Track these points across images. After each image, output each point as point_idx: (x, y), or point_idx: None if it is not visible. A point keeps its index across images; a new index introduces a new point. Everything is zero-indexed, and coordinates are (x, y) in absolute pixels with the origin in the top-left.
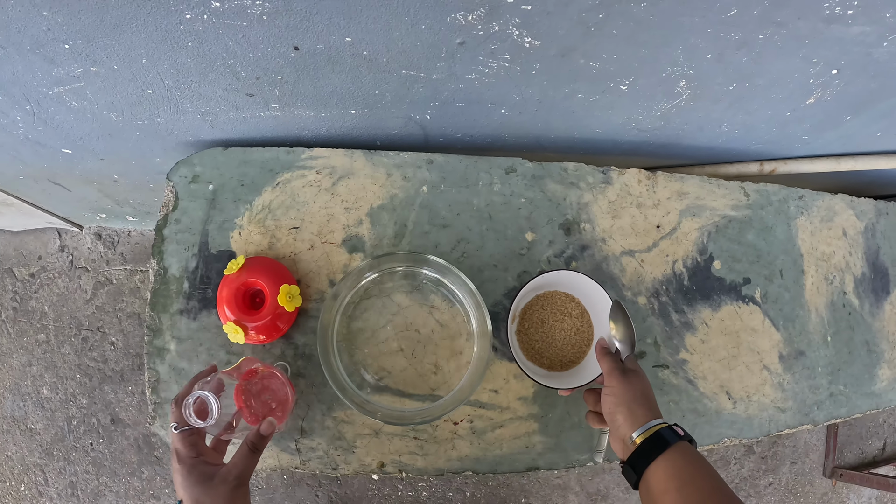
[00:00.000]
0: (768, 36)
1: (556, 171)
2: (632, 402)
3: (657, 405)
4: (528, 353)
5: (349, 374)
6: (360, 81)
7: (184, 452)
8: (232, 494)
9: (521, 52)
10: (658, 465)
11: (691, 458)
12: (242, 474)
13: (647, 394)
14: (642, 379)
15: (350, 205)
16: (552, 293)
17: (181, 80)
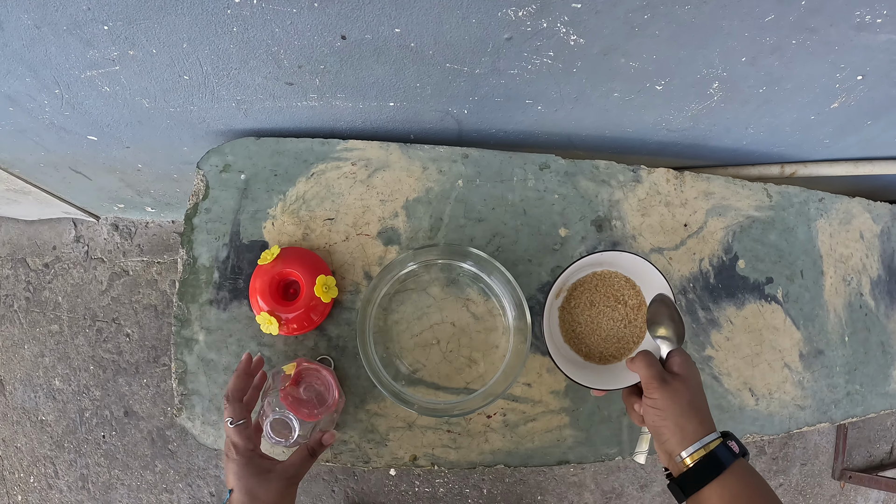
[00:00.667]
0: (801, 41)
1: (588, 168)
2: (679, 416)
3: (709, 412)
4: (567, 335)
5: (384, 365)
6: (403, 73)
7: (242, 445)
8: (285, 491)
9: (566, 49)
10: (712, 489)
11: (748, 482)
12: (298, 474)
13: (696, 402)
14: (689, 383)
15: (386, 197)
16: (611, 273)
17: (220, 67)
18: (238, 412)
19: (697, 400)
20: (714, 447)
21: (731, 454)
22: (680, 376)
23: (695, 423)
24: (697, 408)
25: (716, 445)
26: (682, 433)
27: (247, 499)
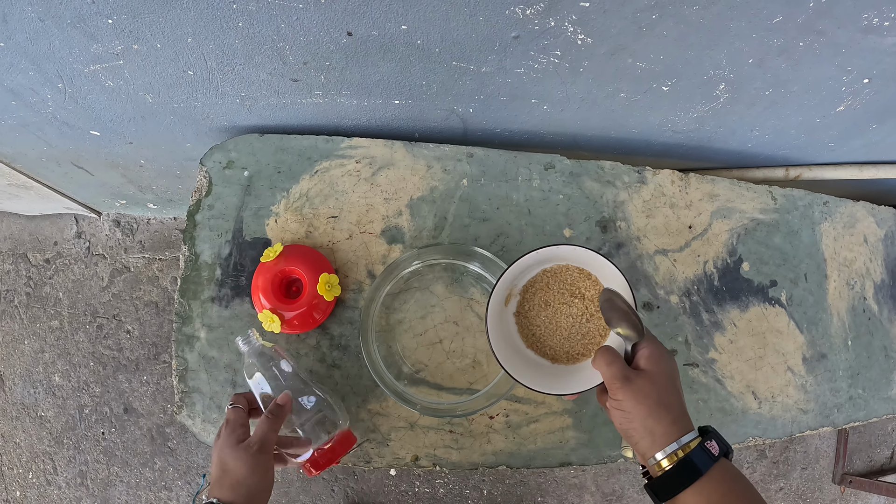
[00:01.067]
0: (808, 43)
1: (593, 168)
2: (646, 418)
3: (684, 408)
4: (528, 341)
5: (387, 365)
6: (409, 71)
7: (232, 419)
8: (253, 459)
9: (573, 48)
10: (689, 496)
11: (730, 486)
12: (263, 440)
13: (666, 399)
14: (656, 379)
15: (390, 195)
16: (562, 268)
17: (225, 62)
18: (237, 399)
19: (667, 397)
20: (689, 451)
21: (708, 457)
22: (646, 372)
23: (665, 424)
24: (667, 406)
25: (691, 449)
26: (651, 436)
27: (218, 471)
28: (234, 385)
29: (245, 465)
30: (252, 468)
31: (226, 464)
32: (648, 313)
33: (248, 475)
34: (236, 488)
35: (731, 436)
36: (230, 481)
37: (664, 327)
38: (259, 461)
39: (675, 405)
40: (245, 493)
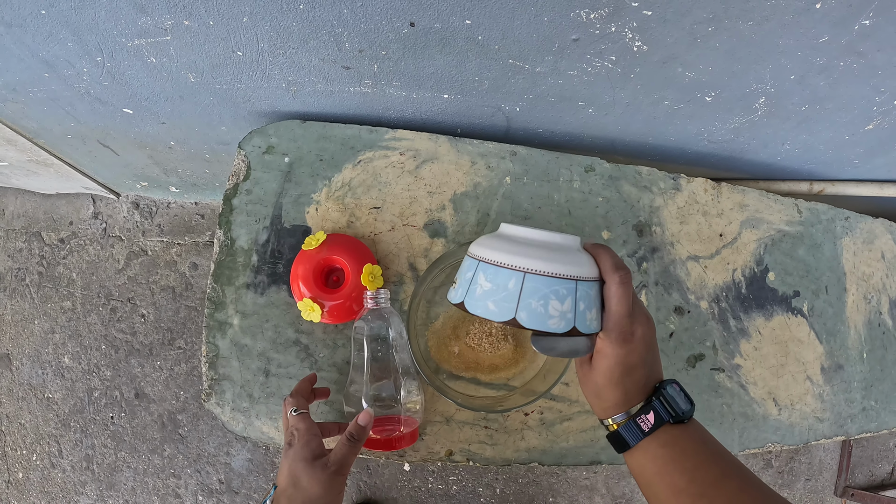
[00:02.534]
0: (848, 63)
1: (631, 173)
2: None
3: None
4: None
5: (425, 359)
6: (464, 66)
7: (303, 428)
8: (330, 480)
9: (628, 54)
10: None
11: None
12: (342, 463)
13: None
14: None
15: (433, 189)
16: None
17: (278, 45)
18: (300, 403)
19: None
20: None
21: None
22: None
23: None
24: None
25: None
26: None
27: (289, 484)
28: (268, 375)
29: (320, 485)
30: (326, 489)
31: (298, 479)
32: (680, 318)
33: (321, 496)
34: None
35: (752, 440)
36: (302, 499)
37: (694, 332)
38: (335, 483)
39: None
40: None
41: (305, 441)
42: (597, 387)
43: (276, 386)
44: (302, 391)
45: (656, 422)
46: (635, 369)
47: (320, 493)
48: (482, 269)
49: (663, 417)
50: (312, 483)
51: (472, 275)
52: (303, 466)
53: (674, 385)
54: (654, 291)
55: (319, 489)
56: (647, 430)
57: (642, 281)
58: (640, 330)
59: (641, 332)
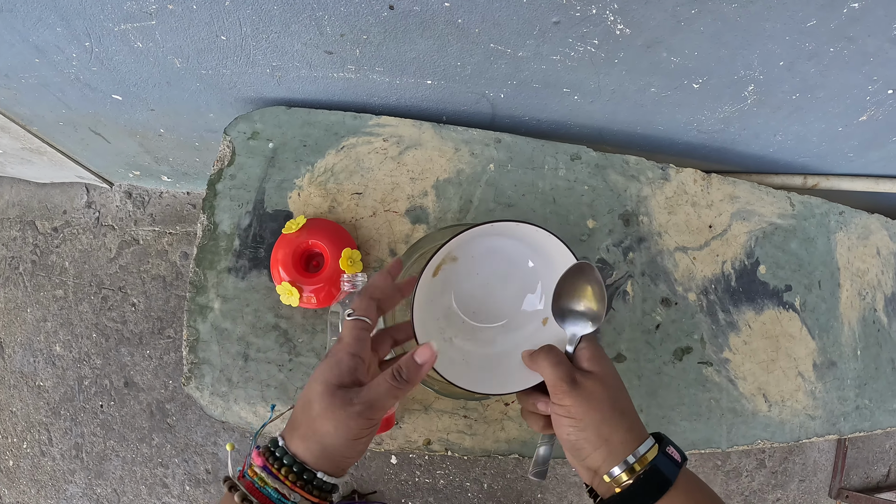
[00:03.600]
0: (838, 49)
1: (618, 162)
2: (601, 425)
3: (636, 414)
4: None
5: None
6: (446, 51)
7: (347, 342)
8: (349, 421)
9: (610, 38)
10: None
11: (696, 498)
12: (374, 405)
13: (620, 404)
14: (607, 381)
15: (416, 175)
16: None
17: (261, 29)
18: (363, 307)
19: (621, 401)
20: (653, 458)
21: (674, 464)
22: (594, 374)
23: (621, 432)
24: (622, 411)
25: (654, 456)
26: (607, 446)
27: (301, 407)
28: (246, 359)
29: (334, 421)
30: (342, 429)
31: (310, 404)
32: (667, 309)
33: (332, 434)
34: (308, 440)
35: (740, 437)
36: (306, 429)
37: (681, 324)
38: (355, 426)
39: (630, 410)
40: (318, 451)
41: (337, 360)
42: (611, 393)
43: (255, 371)
44: (372, 290)
45: (682, 457)
46: (621, 389)
47: (331, 430)
48: None
49: (682, 454)
50: (325, 416)
51: None
52: (320, 391)
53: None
54: (641, 282)
55: (331, 426)
56: (679, 461)
57: (628, 271)
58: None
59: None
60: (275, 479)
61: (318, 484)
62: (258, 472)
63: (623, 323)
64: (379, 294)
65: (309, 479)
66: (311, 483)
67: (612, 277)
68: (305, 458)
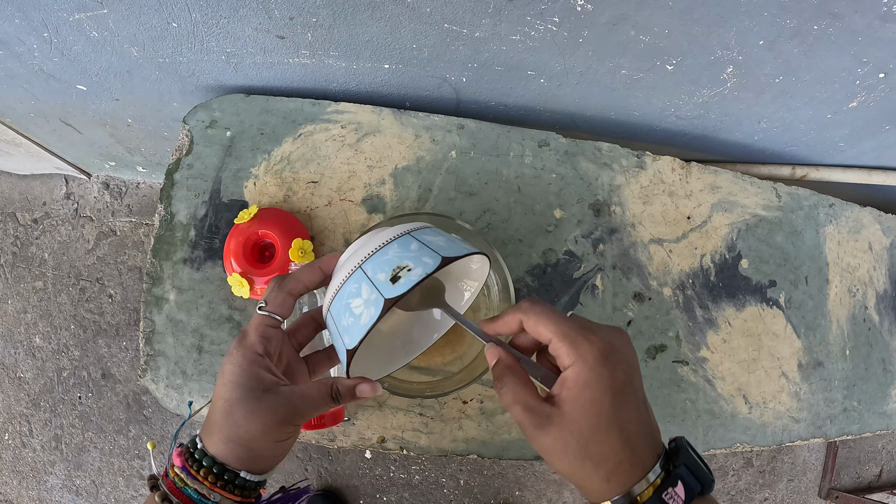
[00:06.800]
0: (823, 28)
1: (589, 149)
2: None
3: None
4: None
5: None
6: (399, 32)
7: (250, 339)
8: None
9: (572, 15)
10: None
11: None
12: (303, 412)
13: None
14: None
15: (374, 163)
16: None
17: (210, 15)
18: (277, 302)
19: (597, 446)
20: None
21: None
22: (564, 413)
23: (596, 482)
24: (597, 460)
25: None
26: (583, 490)
27: (222, 412)
28: (201, 351)
29: (260, 426)
30: (267, 433)
31: (231, 409)
32: (639, 305)
33: (259, 438)
34: (231, 444)
35: (718, 440)
36: (229, 432)
37: (655, 320)
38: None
39: (611, 453)
40: (244, 454)
41: (251, 360)
42: (582, 440)
43: (209, 363)
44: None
45: (686, 496)
46: (628, 398)
47: (257, 434)
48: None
49: (693, 489)
50: (249, 420)
51: None
52: (241, 397)
53: (687, 446)
54: (612, 276)
55: (258, 430)
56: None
57: (598, 264)
58: (612, 339)
59: (618, 344)
60: (194, 480)
61: (240, 483)
62: (178, 472)
63: (591, 319)
64: (300, 291)
65: (230, 479)
66: (232, 483)
67: (581, 271)
68: (228, 460)
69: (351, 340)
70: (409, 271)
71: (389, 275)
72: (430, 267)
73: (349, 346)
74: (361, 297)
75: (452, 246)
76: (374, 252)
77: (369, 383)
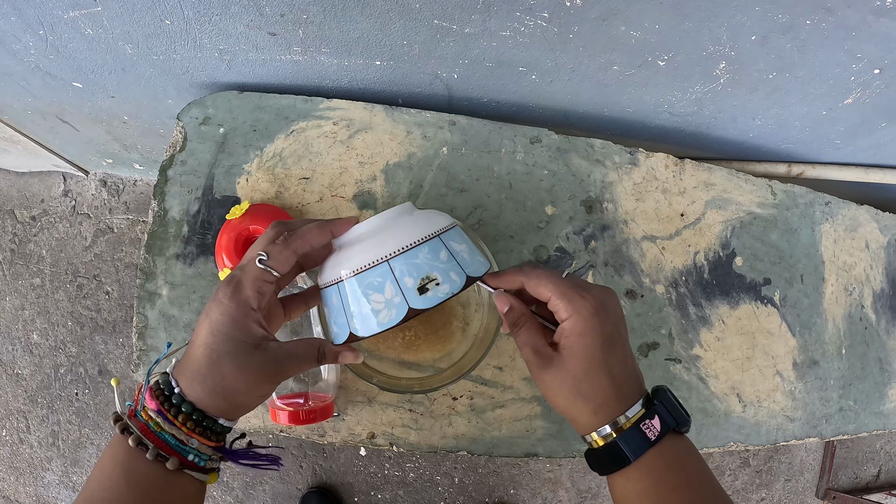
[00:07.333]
0: (816, 22)
1: (582, 146)
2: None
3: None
4: None
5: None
6: (389, 28)
7: (245, 290)
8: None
9: (562, 10)
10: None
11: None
12: (289, 369)
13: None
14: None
15: (365, 159)
16: None
17: (202, 12)
18: (280, 258)
19: (588, 384)
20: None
21: (641, 441)
22: (562, 357)
23: (586, 415)
24: (587, 395)
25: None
26: (574, 422)
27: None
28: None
29: (247, 381)
30: (254, 387)
31: (220, 360)
32: (632, 302)
33: (243, 391)
34: (215, 394)
35: (711, 439)
36: (213, 383)
37: (647, 318)
38: (267, 385)
39: (600, 390)
40: (225, 404)
41: (244, 313)
42: (576, 380)
43: None
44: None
45: (662, 429)
46: (615, 345)
47: (243, 388)
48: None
49: (668, 424)
50: (238, 374)
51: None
52: (231, 350)
53: (668, 391)
54: (604, 272)
55: (245, 385)
56: (652, 440)
57: (589, 261)
58: (603, 296)
59: (608, 300)
60: (171, 426)
61: (217, 429)
62: (153, 415)
63: None
64: (305, 250)
65: (209, 425)
66: (210, 429)
67: (572, 267)
68: (208, 407)
69: (363, 330)
70: (437, 285)
71: (417, 283)
72: (456, 287)
73: (359, 334)
74: (384, 294)
75: (474, 259)
76: (404, 251)
77: (353, 352)
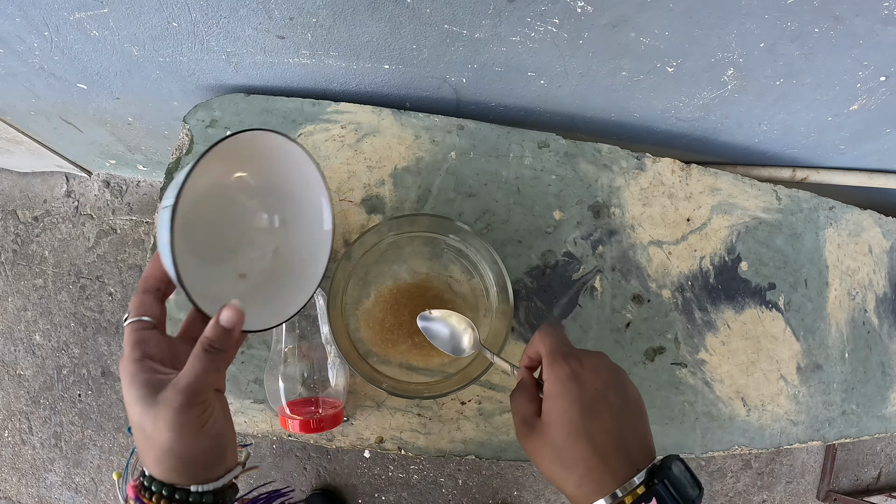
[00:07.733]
0: (824, 31)
1: (589, 151)
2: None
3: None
4: None
5: (356, 340)
6: (399, 33)
7: (126, 352)
8: (179, 417)
9: (572, 16)
10: None
11: None
12: (194, 387)
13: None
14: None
15: (373, 164)
16: None
17: (210, 15)
18: (136, 305)
19: (569, 452)
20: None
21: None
22: (542, 423)
23: (570, 486)
24: (569, 465)
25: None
26: (564, 493)
27: (137, 433)
28: None
29: (169, 428)
30: (181, 430)
31: (142, 427)
32: (638, 307)
33: (178, 441)
34: (161, 461)
35: (716, 442)
36: (154, 453)
37: (654, 322)
38: (190, 419)
39: (580, 459)
40: (178, 465)
41: (131, 374)
42: (555, 447)
43: None
44: (148, 279)
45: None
46: (599, 412)
47: (173, 437)
48: None
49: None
50: (157, 428)
51: None
52: (140, 409)
53: (678, 463)
54: (611, 277)
55: (170, 434)
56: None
57: (597, 266)
58: (588, 361)
59: (593, 364)
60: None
61: (195, 499)
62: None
63: (590, 320)
64: (155, 283)
65: (182, 497)
66: (187, 501)
67: (580, 272)
68: (170, 478)
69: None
70: None
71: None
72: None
73: (166, 205)
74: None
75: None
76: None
77: (229, 307)
